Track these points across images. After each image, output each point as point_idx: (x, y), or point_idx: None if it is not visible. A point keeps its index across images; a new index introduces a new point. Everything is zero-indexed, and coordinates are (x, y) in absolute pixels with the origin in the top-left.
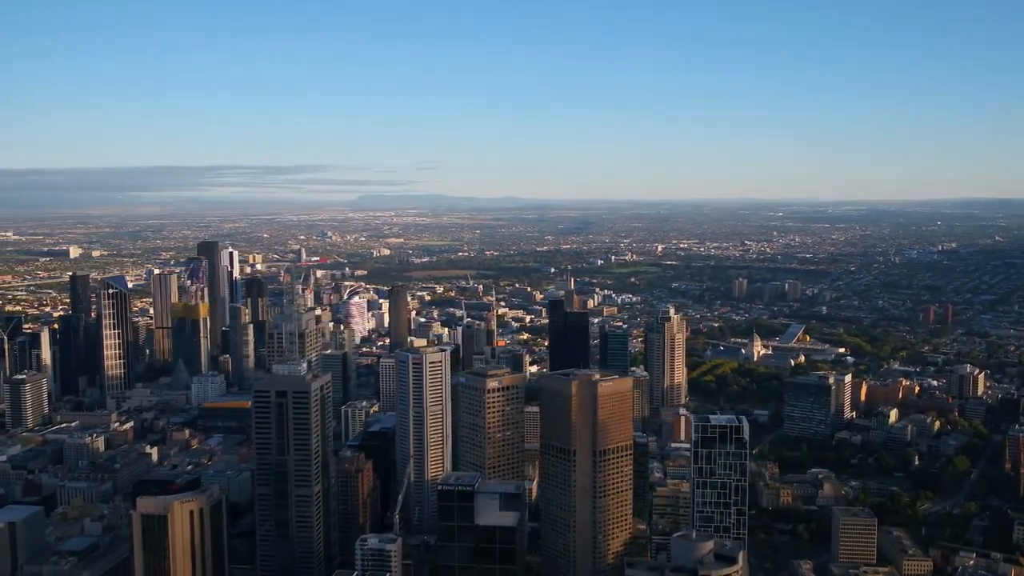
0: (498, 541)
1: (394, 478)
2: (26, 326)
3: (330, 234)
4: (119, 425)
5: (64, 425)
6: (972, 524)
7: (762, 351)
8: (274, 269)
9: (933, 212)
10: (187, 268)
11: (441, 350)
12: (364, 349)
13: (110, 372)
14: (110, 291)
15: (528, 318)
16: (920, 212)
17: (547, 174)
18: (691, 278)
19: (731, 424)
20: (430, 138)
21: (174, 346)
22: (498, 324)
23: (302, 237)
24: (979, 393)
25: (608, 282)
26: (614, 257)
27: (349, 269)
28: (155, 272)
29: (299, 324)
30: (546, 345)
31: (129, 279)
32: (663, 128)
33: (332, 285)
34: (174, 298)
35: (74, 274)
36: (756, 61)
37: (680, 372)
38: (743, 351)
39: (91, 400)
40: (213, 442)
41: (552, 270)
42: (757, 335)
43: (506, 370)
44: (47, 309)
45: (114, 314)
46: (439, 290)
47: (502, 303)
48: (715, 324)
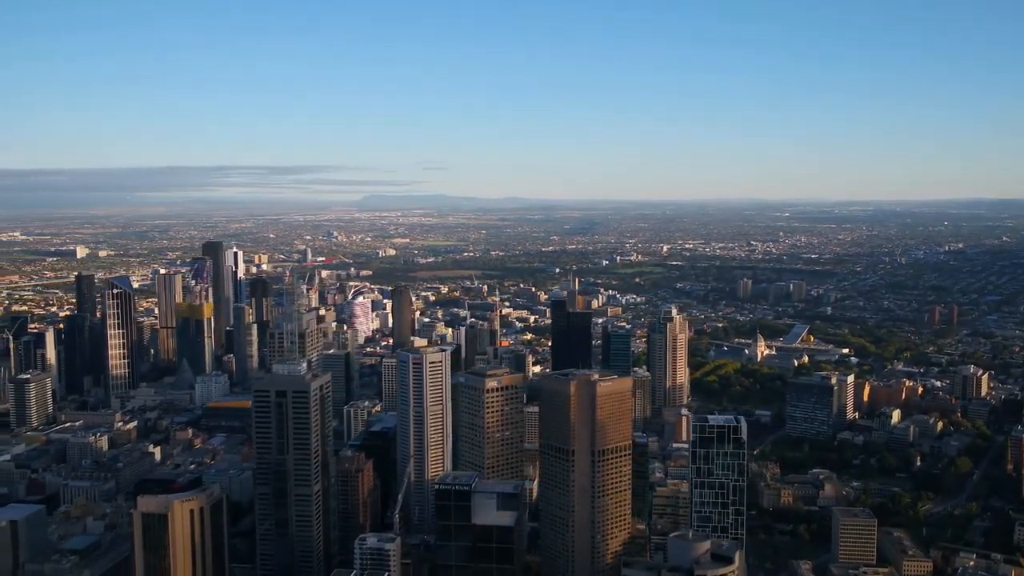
0: (495, 540)
1: (395, 478)
2: (32, 326)
3: (336, 234)
4: (123, 424)
5: (68, 424)
6: (973, 525)
7: (766, 351)
8: (280, 269)
9: (940, 212)
10: (191, 268)
11: (441, 350)
12: (368, 349)
13: (114, 372)
14: (114, 291)
15: (532, 318)
16: (927, 212)
17: (552, 174)
18: (696, 278)
19: (729, 424)
20: (433, 138)
21: (178, 346)
22: (502, 324)
23: (308, 237)
24: (983, 394)
25: (613, 282)
26: (619, 257)
27: (354, 269)
28: (160, 272)
29: (300, 324)
30: (549, 345)
31: (135, 279)
32: (668, 128)
33: (337, 285)
34: (178, 298)
35: (79, 274)
36: (759, 61)
37: (682, 372)
38: (747, 351)
39: (95, 400)
40: (216, 442)
41: (557, 270)
42: (761, 335)
43: (505, 370)
44: (53, 309)
45: (118, 314)
46: (444, 290)
47: (507, 303)
48: (719, 324)
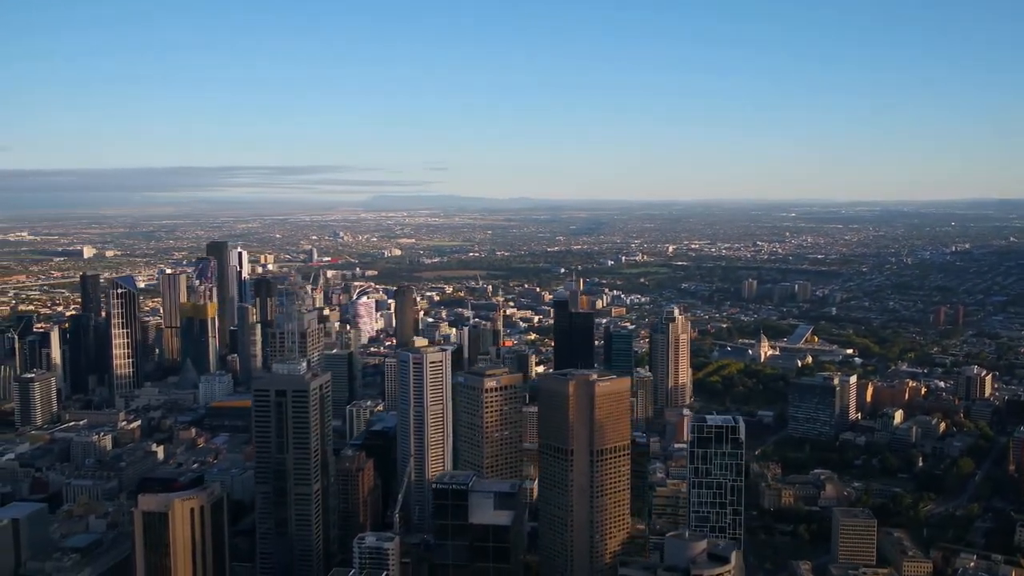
0: (492, 540)
1: (395, 477)
2: (39, 325)
3: (342, 234)
4: (127, 424)
5: (72, 423)
6: (975, 526)
7: (769, 352)
8: (285, 269)
9: (947, 213)
10: (196, 268)
11: (442, 350)
12: (372, 349)
13: (119, 371)
14: (119, 291)
15: (536, 318)
16: (934, 213)
17: (559, 175)
18: (701, 279)
19: (727, 424)
20: (438, 139)
21: (182, 345)
22: (507, 324)
23: (314, 237)
24: (986, 395)
25: (618, 282)
26: (624, 258)
27: (360, 269)
28: (166, 272)
29: (300, 324)
30: (553, 345)
31: (141, 279)
32: (676, 129)
33: (342, 285)
34: (183, 298)
35: (84, 274)
36: (765, 61)
37: (685, 372)
38: (750, 352)
39: (100, 399)
40: (219, 441)
41: (562, 270)
42: (764, 336)
43: (504, 370)
44: (60, 308)
45: (123, 314)
46: (448, 290)
47: (511, 303)
48: (723, 325)
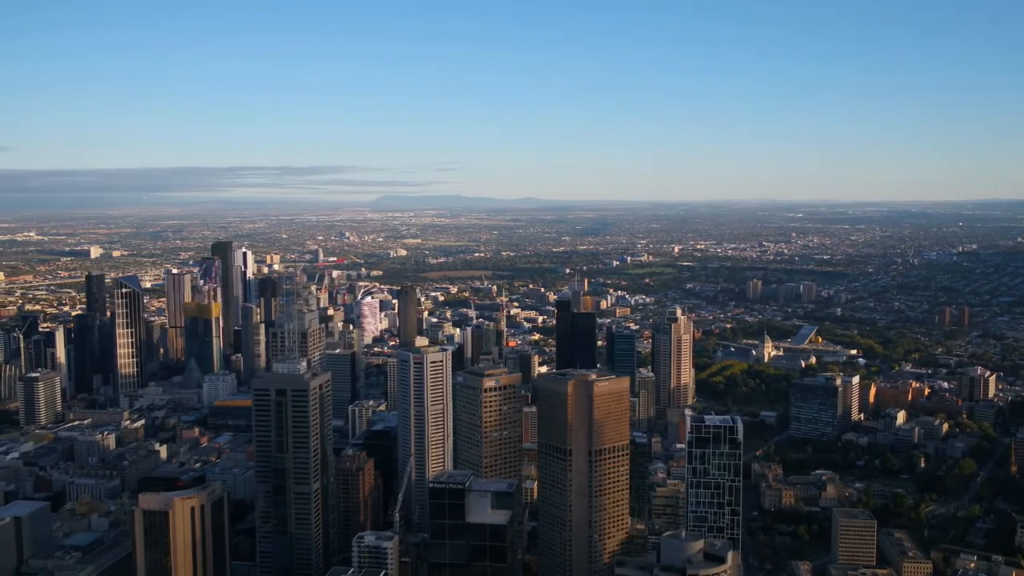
0: (489, 539)
1: (396, 476)
2: (44, 325)
3: (348, 235)
4: (130, 423)
5: (76, 423)
6: (976, 526)
7: (773, 352)
8: (291, 269)
9: (955, 213)
10: (201, 268)
11: (442, 350)
12: (376, 349)
13: (123, 371)
14: (123, 291)
15: (540, 319)
16: (942, 213)
17: (567, 176)
18: (706, 279)
19: (725, 424)
20: (447, 139)
21: (187, 345)
22: (511, 325)
23: (320, 237)
24: (990, 395)
25: (622, 283)
26: (630, 258)
27: (365, 269)
28: (172, 272)
29: (301, 323)
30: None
31: (148, 279)
32: (683, 130)
33: (347, 285)
34: (188, 298)
35: (89, 274)
36: (772, 63)
37: (687, 373)
38: (754, 352)
39: (104, 398)
40: (222, 440)
41: (567, 271)
42: (768, 336)
43: (503, 370)
44: (66, 308)
45: (127, 313)
46: (453, 291)
47: (516, 304)
48: (727, 325)
